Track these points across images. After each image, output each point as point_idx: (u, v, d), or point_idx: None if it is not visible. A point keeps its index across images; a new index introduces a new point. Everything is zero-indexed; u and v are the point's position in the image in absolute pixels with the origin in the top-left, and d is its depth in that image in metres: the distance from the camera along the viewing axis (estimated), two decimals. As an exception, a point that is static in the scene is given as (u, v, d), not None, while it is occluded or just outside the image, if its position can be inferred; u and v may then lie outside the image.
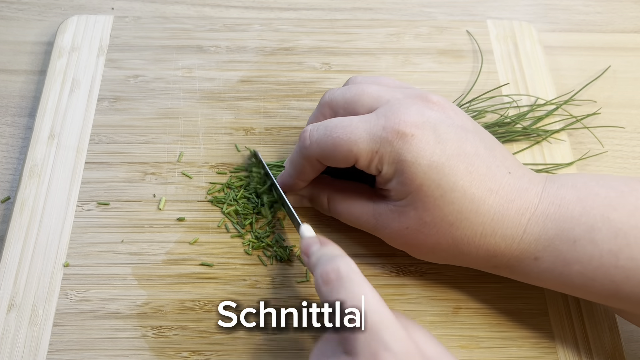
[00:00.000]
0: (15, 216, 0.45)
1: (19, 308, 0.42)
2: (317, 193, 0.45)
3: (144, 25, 0.56)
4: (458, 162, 0.38)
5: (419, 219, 0.39)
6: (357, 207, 0.43)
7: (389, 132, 0.38)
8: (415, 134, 0.38)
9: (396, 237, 0.41)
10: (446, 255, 0.41)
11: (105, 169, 0.48)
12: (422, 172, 0.38)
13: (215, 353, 0.41)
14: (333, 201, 0.44)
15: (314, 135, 0.41)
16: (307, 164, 0.42)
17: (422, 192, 0.38)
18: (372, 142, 0.39)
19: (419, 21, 0.58)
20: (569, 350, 0.42)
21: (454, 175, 0.38)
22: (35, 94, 0.54)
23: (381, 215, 0.41)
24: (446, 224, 0.38)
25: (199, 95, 0.52)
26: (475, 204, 0.38)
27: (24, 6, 0.60)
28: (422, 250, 0.41)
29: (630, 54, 0.59)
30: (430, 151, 0.38)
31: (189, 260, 0.44)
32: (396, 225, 0.40)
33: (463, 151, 0.38)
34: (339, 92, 0.43)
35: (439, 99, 0.41)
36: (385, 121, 0.39)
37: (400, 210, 0.40)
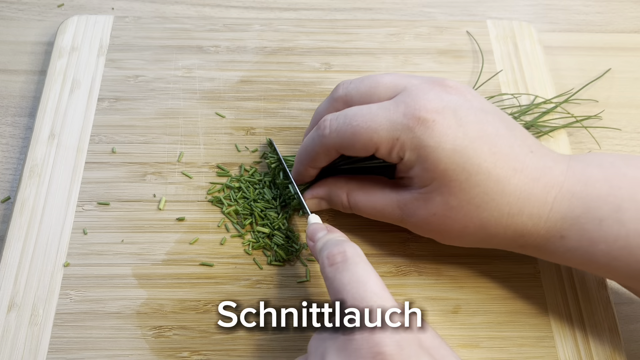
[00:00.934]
0: (16, 216, 0.45)
1: (19, 308, 0.42)
2: (335, 191, 0.45)
3: (144, 25, 0.56)
4: (481, 144, 0.38)
5: (446, 204, 0.39)
6: (380, 199, 0.42)
7: (410, 118, 0.38)
8: (437, 119, 0.38)
9: (423, 224, 0.41)
10: (474, 239, 0.41)
11: (105, 169, 0.48)
12: (446, 156, 0.38)
13: (215, 353, 0.41)
14: (353, 196, 0.44)
15: (334, 124, 0.41)
16: (322, 153, 0.42)
17: (447, 176, 0.38)
18: (392, 129, 0.39)
19: (419, 21, 0.58)
20: (569, 350, 0.42)
21: (477, 157, 0.38)
22: (36, 94, 0.54)
23: (406, 204, 0.41)
24: (473, 206, 0.38)
25: (199, 95, 0.53)
26: (501, 184, 0.38)
27: (24, 6, 0.60)
28: (451, 235, 0.41)
29: (630, 54, 0.59)
30: (452, 135, 0.38)
31: (189, 260, 0.44)
32: (423, 213, 0.40)
33: (485, 133, 0.38)
34: (352, 86, 0.42)
35: (455, 83, 0.41)
36: (405, 108, 0.39)
37: (425, 197, 0.40)
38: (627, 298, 0.46)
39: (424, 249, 0.45)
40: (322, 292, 0.43)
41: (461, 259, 0.45)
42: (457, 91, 0.40)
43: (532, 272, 0.45)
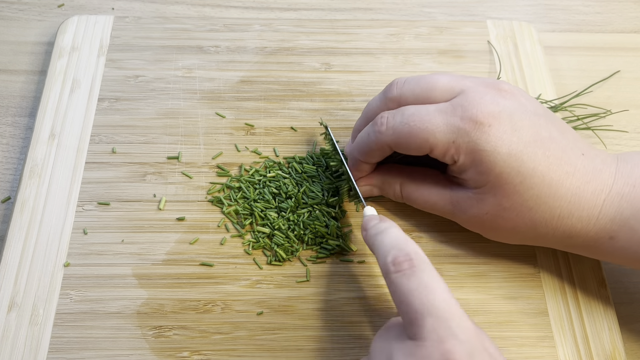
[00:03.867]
0: (16, 216, 0.45)
1: (19, 308, 0.42)
2: (389, 180, 0.45)
3: (144, 26, 0.56)
4: (535, 148, 0.39)
5: (498, 205, 0.40)
6: (433, 194, 0.44)
7: (467, 122, 0.39)
8: (493, 124, 0.39)
9: (474, 222, 0.42)
10: (523, 237, 0.42)
11: (105, 169, 0.48)
12: (501, 160, 0.39)
13: (215, 353, 0.41)
14: (406, 188, 0.45)
15: (390, 122, 0.42)
16: (377, 149, 0.43)
17: (501, 179, 0.39)
18: (449, 132, 0.40)
19: (419, 21, 0.58)
20: (569, 350, 0.42)
21: (532, 161, 0.39)
22: (36, 94, 0.54)
23: (459, 202, 0.42)
24: (525, 208, 0.39)
25: (199, 95, 0.53)
26: (554, 187, 0.39)
27: (24, 6, 0.60)
28: (500, 233, 0.42)
29: (630, 54, 0.59)
30: (508, 140, 0.39)
31: (189, 260, 0.44)
32: (475, 212, 0.41)
33: (539, 137, 0.39)
34: (407, 88, 0.43)
35: (509, 87, 0.41)
36: (462, 111, 0.40)
37: (478, 198, 0.41)
38: (627, 298, 0.46)
39: (424, 249, 0.45)
40: (322, 292, 0.44)
41: (461, 259, 0.45)
42: (512, 95, 0.41)
43: (532, 272, 0.45)
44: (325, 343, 0.42)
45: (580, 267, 0.45)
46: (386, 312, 0.43)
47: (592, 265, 0.45)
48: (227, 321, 0.42)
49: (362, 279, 0.44)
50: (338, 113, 0.52)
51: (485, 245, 0.45)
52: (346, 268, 0.45)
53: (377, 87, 0.53)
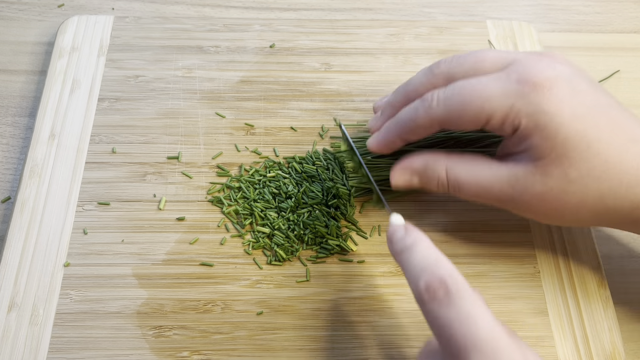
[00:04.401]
0: (16, 216, 0.45)
1: (19, 308, 0.42)
2: (433, 164, 0.41)
3: (144, 26, 0.56)
4: (598, 113, 0.37)
5: (565, 177, 0.37)
6: (487, 174, 0.39)
7: (525, 84, 0.37)
8: (552, 87, 0.37)
9: (537, 202, 0.38)
10: (588, 216, 0.39)
11: (105, 169, 0.48)
12: (566, 123, 0.36)
13: (215, 353, 0.41)
14: (454, 171, 0.40)
15: (441, 95, 0.39)
16: (424, 125, 0.40)
17: (567, 145, 0.37)
18: (506, 97, 0.37)
19: (419, 21, 0.58)
20: (568, 350, 0.42)
21: (596, 125, 0.37)
22: (36, 94, 0.54)
23: (518, 180, 0.38)
24: (593, 177, 0.37)
25: (199, 95, 0.53)
26: (620, 153, 0.37)
27: (24, 6, 0.60)
28: (564, 213, 0.39)
29: (630, 54, 0.59)
30: (569, 102, 0.37)
31: (189, 260, 0.44)
32: (538, 189, 0.38)
33: (599, 102, 0.38)
34: (455, 62, 0.40)
35: (561, 57, 0.40)
36: (518, 75, 0.37)
37: (542, 171, 0.38)
38: (627, 298, 0.46)
39: (423, 249, 0.45)
40: (322, 292, 0.44)
41: (461, 259, 0.45)
42: (566, 62, 0.39)
43: (532, 272, 0.45)
44: (325, 343, 0.42)
45: (580, 267, 0.45)
46: (386, 312, 0.43)
47: (592, 265, 0.45)
48: (227, 321, 0.42)
49: (362, 279, 0.44)
50: (338, 113, 0.52)
51: (485, 245, 0.45)
52: (346, 268, 0.45)
53: (377, 87, 0.53)
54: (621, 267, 0.47)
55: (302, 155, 0.49)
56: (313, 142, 0.50)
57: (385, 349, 0.41)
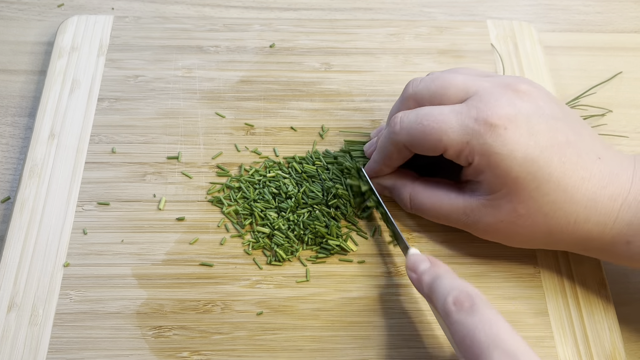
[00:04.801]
0: (15, 216, 0.45)
1: (19, 308, 0.42)
2: (400, 186, 0.45)
3: (144, 26, 0.56)
4: (551, 154, 0.38)
5: (514, 212, 0.40)
6: (445, 203, 0.43)
7: (481, 124, 0.39)
8: (508, 127, 0.38)
9: (490, 230, 0.42)
10: (539, 243, 0.42)
11: (105, 169, 0.48)
12: (517, 164, 0.38)
13: (215, 353, 0.41)
14: (417, 198, 0.44)
15: (404, 121, 0.41)
16: (394, 150, 0.43)
17: (517, 184, 0.39)
18: (463, 133, 0.39)
19: (419, 21, 0.58)
20: (568, 350, 0.42)
21: (548, 167, 0.38)
22: (36, 94, 0.54)
23: (473, 210, 0.41)
24: (541, 215, 0.39)
25: (199, 95, 0.53)
26: (569, 193, 0.38)
27: (24, 6, 0.60)
28: (516, 240, 0.42)
29: (630, 54, 0.59)
30: (524, 144, 0.38)
31: (189, 260, 0.44)
32: (490, 220, 0.41)
33: (556, 141, 0.39)
34: (423, 85, 0.43)
35: (528, 88, 0.40)
36: (476, 113, 0.39)
37: (493, 204, 0.40)
38: (627, 298, 0.46)
39: (423, 249, 0.45)
40: (322, 292, 0.44)
41: (461, 259, 0.45)
42: (529, 97, 0.40)
43: (532, 272, 0.45)
44: (325, 343, 0.42)
45: (580, 267, 0.45)
46: (386, 312, 0.43)
47: (592, 266, 0.45)
48: (227, 321, 0.42)
49: (362, 279, 0.44)
50: (338, 113, 0.52)
51: (485, 245, 0.45)
52: (346, 268, 0.45)
53: (377, 87, 0.53)
54: (621, 267, 0.47)
55: (302, 155, 0.49)
56: (313, 142, 0.50)
57: (385, 349, 0.41)
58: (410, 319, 0.43)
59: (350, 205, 0.46)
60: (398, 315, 0.43)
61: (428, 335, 0.42)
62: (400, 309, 0.43)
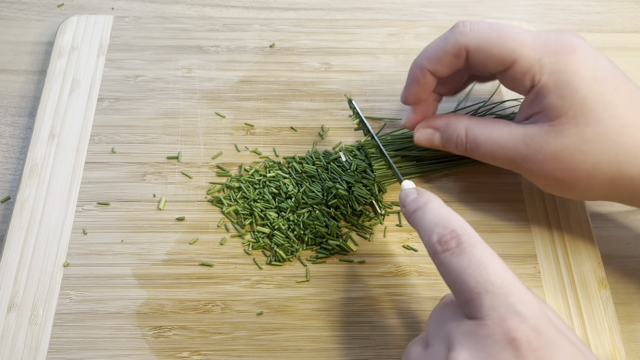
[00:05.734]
0: (15, 216, 0.45)
1: (19, 308, 0.42)
2: (453, 124, 0.43)
3: (144, 26, 0.56)
4: (618, 79, 0.39)
5: (580, 136, 0.38)
6: (504, 132, 0.41)
7: (554, 43, 0.39)
8: (577, 50, 0.39)
9: (550, 162, 0.39)
10: (601, 183, 0.39)
11: (105, 169, 0.48)
12: (586, 83, 0.38)
13: (215, 353, 0.41)
14: (473, 130, 0.42)
15: (475, 25, 0.40)
16: (452, 53, 0.40)
17: (585, 105, 0.38)
18: (536, 48, 0.39)
19: (419, 21, 0.58)
20: (569, 350, 0.42)
21: (615, 89, 0.38)
22: (35, 94, 0.54)
23: (534, 138, 0.39)
24: (608, 139, 0.38)
25: (199, 95, 0.52)
26: (637, 118, 0.38)
27: (24, 6, 0.60)
28: (578, 176, 0.39)
29: (630, 54, 0.59)
30: (592, 65, 0.39)
31: (189, 260, 0.44)
32: (553, 147, 0.39)
33: (619, 73, 0.40)
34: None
35: None
36: (547, 35, 0.40)
37: (557, 130, 0.39)
38: (627, 298, 0.46)
39: (424, 249, 0.45)
40: (322, 292, 0.44)
41: (461, 259, 0.45)
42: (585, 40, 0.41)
43: (532, 272, 0.45)
44: (325, 343, 0.42)
45: (580, 267, 0.45)
46: (386, 312, 0.43)
47: (592, 266, 0.45)
48: (227, 321, 0.42)
49: (362, 279, 0.44)
50: (338, 113, 0.52)
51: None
52: (346, 268, 0.45)
53: (377, 87, 0.53)
54: (621, 267, 0.47)
55: (302, 155, 0.49)
56: (313, 142, 0.50)
57: (386, 349, 0.41)
58: (410, 319, 0.43)
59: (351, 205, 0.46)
60: (398, 315, 0.43)
61: (428, 335, 0.42)
62: (400, 309, 0.43)
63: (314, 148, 0.50)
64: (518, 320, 0.30)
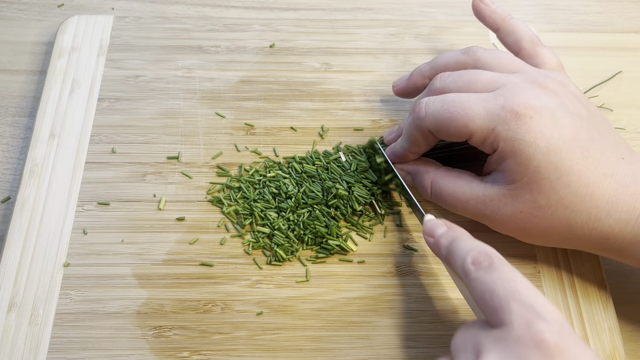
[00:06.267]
0: (16, 216, 0.45)
1: (19, 308, 0.42)
2: (422, 172, 0.45)
3: (144, 26, 0.56)
4: (574, 147, 0.39)
5: (534, 202, 0.40)
6: (466, 191, 0.42)
7: (508, 111, 0.39)
8: (534, 117, 0.39)
9: (507, 222, 0.41)
10: (557, 239, 0.41)
11: (105, 169, 0.48)
12: (540, 153, 0.39)
13: (215, 353, 0.41)
14: (437, 184, 0.44)
15: (430, 107, 0.42)
16: (420, 136, 0.43)
17: (539, 174, 0.39)
18: (489, 119, 0.40)
19: (419, 21, 0.58)
20: (568, 350, 0.42)
21: (570, 159, 0.39)
22: (36, 94, 0.54)
23: (492, 200, 0.41)
24: (561, 207, 0.39)
25: (199, 95, 0.53)
26: (590, 187, 0.39)
27: (24, 6, 0.60)
28: (534, 234, 0.41)
29: (630, 54, 0.59)
30: (548, 134, 0.39)
31: (189, 260, 0.44)
32: (509, 210, 0.41)
33: (579, 137, 0.39)
34: (450, 79, 0.43)
35: (555, 87, 0.41)
36: (503, 101, 0.40)
37: (513, 194, 0.40)
38: (627, 298, 0.46)
39: (424, 249, 0.45)
40: (322, 292, 0.44)
41: (461, 259, 0.45)
42: (555, 94, 0.41)
43: (532, 272, 0.45)
44: (325, 343, 0.42)
45: (580, 267, 0.45)
46: (386, 312, 0.43)
47: (592, 266, 0.45)
48: (227, 321, 0.42)
49: (362, 279, 0.44)
50: (338, 113, 0.52)
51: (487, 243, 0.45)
52: (346, 268, 0.45)
53: (377, 87, 0.53)
54: (621, 267, 0.47)
55: (302, 155, 0.49)
56: (313, 142, 0.50)
57: (385, 349, 0.41)
58: (410, 319, 0.43)
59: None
60: (398, 315, 0.43)
61: (428, 335, 0.42)
62: (400, 309, 0.43)
63: (314, 148, 0.50)
64: (544, 323, 0.31)
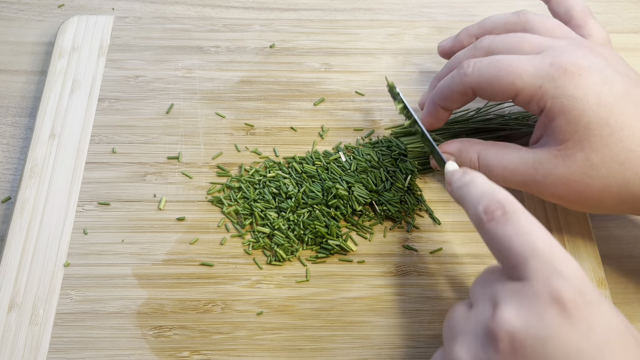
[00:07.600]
0: (16, 216, 0.45)
1: (19, 308, 0.42)
2: (466, 148, 0.44)
3: (144, 26, 0.56)
4: (626, 102, 0.38)
5: (587, 161, 0.39)
6: (514, 157, 0.41)
7: (556, 68, 0.39)
8: (582, 74, 0.39)
9: (560, 185, 0.40)
10: (613, 202, 0.40)
11: (105, 169, 0.48)
12: (590, 109, 0.38)
13: (215, 353, 0.41)
14: (484, 154, 0.43)
15: (477, 64, 0.41)
16: (459, 92, 0.42)
17: (589, 130, 0.38)
18: (537, 76, 0.39)
19: (419, 21, 0.58)
20: (568, 350, 0.42)
21: (622, 114, 0.38)
22: (36, 94, 0.54)
23: (542, 162, 0.40)
24: (616, 163, 0.38)
25: (199, 96, 0.53)
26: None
27: (24, 6, 0.60)
28: (589, 198, 0.40)
29: (630, 54, 0.59)
30: (598, 90, 0.38)
31: (189, 260, 0.45)
32: (561, 171, 0.39)
33: (630, 93, 0.39)
34: (498, 39, 0.43)
35: (603, 50, 0.41)
36: (552, 59, 0.39)
37: (564, 154, 0.39)
38: (626, 298, 0.46)
39: (424, 249, 0.46)
40: (322, 292, 0.44)
41: (461, 259, 0.45)
42: (602, 56, 0.40)
43: (532, 272, 0.45)
44: (325, 343, 0.42)
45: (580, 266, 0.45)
46: (386, 312, 0.43)
47: (592, 266, 0.45)
48: (227, 321, 0.42)
49: (362, 279, 0.44)
50: (338, 113, 0.52)
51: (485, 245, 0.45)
52: (346, 268, 0.45)
53: (377, 87, 0.53)
54: (620, 267, 0.47)
55: (302, 155, 0.49)
56: (313, 142, 0.50)
57: (386, 349, 0.42)
58: (410, 318, 0.43)
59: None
60: (398, 315, 0.43)
61: (428, 335, 0.42)
62: (400, 309, 0.43)
63: (314, 148, 0.50)
64: (562, 281, 0.30)
